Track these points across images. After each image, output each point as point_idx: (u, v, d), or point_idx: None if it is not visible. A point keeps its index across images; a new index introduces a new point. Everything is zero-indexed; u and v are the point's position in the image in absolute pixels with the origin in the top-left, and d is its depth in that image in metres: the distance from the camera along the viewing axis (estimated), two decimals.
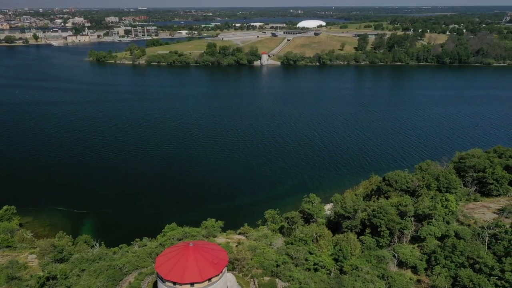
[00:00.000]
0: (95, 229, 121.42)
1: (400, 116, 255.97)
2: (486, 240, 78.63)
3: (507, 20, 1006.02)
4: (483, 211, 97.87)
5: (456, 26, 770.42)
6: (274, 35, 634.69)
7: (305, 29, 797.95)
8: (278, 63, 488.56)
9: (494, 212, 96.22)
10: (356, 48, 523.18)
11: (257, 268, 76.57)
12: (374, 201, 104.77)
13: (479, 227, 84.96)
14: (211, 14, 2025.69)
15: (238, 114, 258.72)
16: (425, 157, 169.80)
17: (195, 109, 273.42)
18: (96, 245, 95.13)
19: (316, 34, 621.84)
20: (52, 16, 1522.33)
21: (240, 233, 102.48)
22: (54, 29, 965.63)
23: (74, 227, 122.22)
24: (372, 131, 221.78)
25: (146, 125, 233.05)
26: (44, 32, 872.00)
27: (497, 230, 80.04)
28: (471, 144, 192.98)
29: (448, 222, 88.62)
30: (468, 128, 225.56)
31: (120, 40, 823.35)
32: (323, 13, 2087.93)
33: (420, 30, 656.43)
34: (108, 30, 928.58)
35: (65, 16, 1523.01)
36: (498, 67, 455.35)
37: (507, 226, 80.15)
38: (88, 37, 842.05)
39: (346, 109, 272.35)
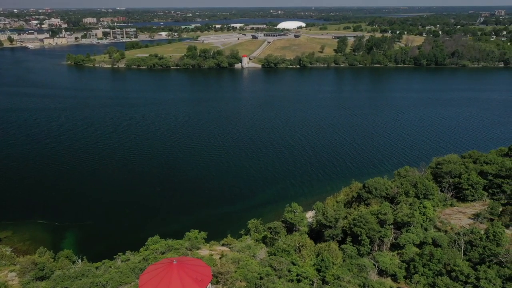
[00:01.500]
0: (76, 243, 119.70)
1: (380, 119, 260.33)
2: (462, 247, 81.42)
3: (481, 21, 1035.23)
4: (459, 217, 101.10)
5: (432, 27, 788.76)
6: (254, 37, 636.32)
7: (285, 31, 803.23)
8: (259, 66, 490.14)
9: (470, 218, 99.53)
10: (335, 50, 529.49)
11: (240, 281, 77.18)
12: (354, 208, 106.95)
13: (455, 233, 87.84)
14: (190, 14, 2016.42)
15: (220, 119, 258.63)
16: (404, 161, 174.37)
17: (177, 114, 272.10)
18: (78, 261, 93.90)
19: (296, 36, 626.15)
20: (27, 17, 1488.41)
21: (223, 244, 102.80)
22: (29, 31, 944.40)
23: (55, 240, 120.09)
24: (352, 135, 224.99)
25: (127, 132, 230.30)
26: (19, 34, 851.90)
27: (472, 236, 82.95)
28: (449, 146, 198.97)
29: (426, 229, 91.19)
30: (446, 131, 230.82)
31: (98, 43, 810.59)
32: (302, 13, 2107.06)
33: (397, 32, 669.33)
34: (86, 32, 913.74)
35: (41, 17, 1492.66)
36: (473, 69, 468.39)
37: (482, 232, 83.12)
38: (65, 40, 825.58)
39: (326, 113, 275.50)
